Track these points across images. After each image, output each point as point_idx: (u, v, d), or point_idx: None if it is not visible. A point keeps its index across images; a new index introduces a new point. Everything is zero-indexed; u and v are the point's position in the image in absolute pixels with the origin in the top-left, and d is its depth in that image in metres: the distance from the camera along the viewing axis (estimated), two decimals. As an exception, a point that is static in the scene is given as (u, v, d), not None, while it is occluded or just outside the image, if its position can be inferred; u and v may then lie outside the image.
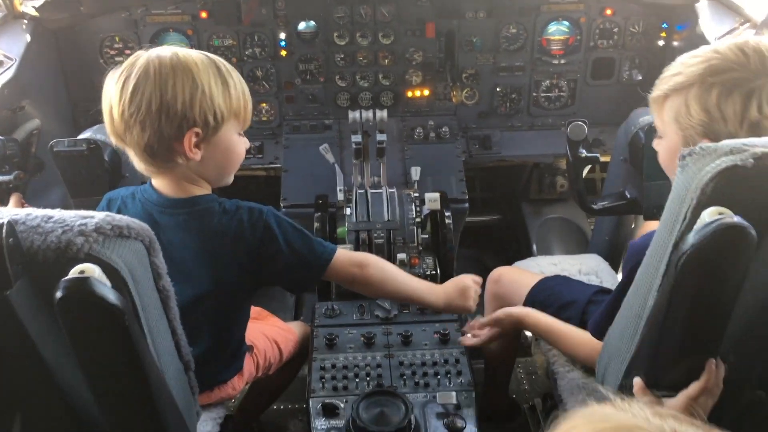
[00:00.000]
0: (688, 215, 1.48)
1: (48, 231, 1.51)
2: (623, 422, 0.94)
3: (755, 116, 1.75)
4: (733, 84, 1.77)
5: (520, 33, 3.74)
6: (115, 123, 1.93)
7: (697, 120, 1.83)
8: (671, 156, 1.98)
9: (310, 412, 2.35)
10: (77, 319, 1.36)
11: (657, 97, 1.96)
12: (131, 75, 1.90)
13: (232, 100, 1.99)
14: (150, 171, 2.02)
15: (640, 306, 1.72)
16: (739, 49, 1.79)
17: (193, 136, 1.93)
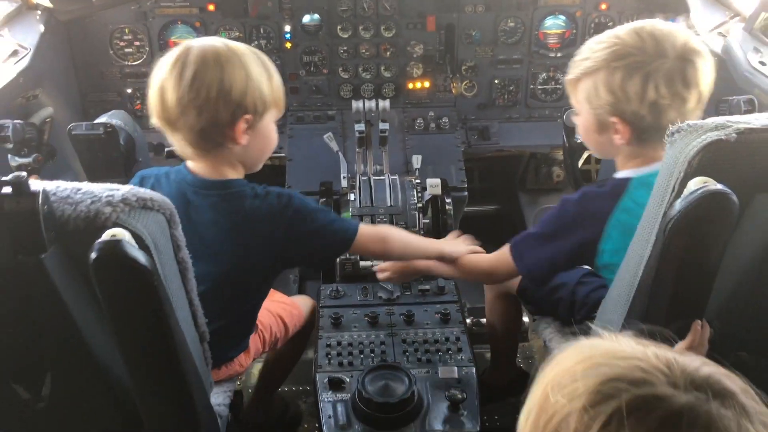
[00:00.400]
0: (676, 187, 1.59)
1: (78, 201, 1.61)
2: (609, 349, 1.04)
3: (653, 96, 1.97)
4: (633, 67, 2.00)
5: (517, 27, 3.85)
6: (168, 108, 2.03)
7: (605, 100, 2.06)
8: (588, 131, 2.25)
9: (317, 387, 2.44)
10: (110, 279, 1.46)
11: (570, 80, 2.21)
12: (188, 63, 2.02)
13: (274, 90, 2.16)
14: (195, 154, 2.13)
15: (632, 275, 1.82)
16: (636, 34, 2.02)
17: (243, 122, 2.07)
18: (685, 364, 0.99)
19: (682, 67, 1.98)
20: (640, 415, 0.92)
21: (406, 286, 2.94)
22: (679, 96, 1.98)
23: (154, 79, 2.07)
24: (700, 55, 2.02)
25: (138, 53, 3.76)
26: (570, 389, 0.99)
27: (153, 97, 2.06)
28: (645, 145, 2.10)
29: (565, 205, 2.25)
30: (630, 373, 0.97)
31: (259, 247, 2.19)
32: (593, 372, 0.99)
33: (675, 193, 1.59)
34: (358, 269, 3.00)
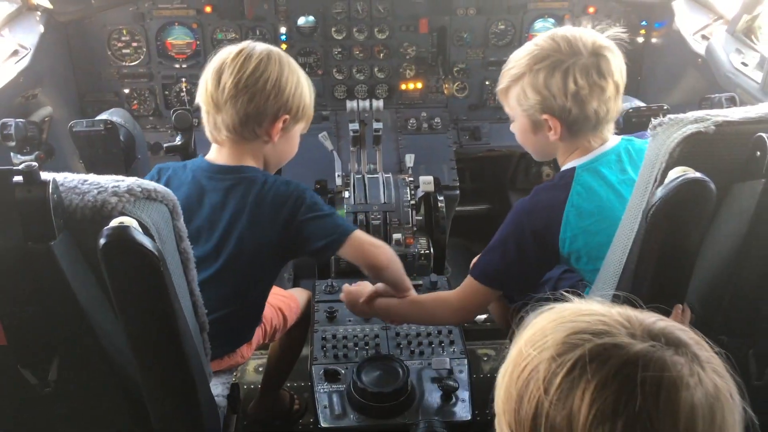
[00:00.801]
0: (658, 177, 1.67)
1: (85, 191, 1.67)
2: (577, 309, 1.15)
3: (573, 88, 2.13)
4: (552, 67, 2.15)
5: (508, 29, 3.94)
6: (223, 89, 2.18)
7: (534, 100, 2.20)
8: (524, 134, 2.38)
9: (313, 378, 2.49)
10: (118, 264, 1.51)
11: (501, 89, 2.36)
12: (253, 55, 2.20)
13: (311, 106, 2.37)
14: (227, 139, 2.25)
15: (617, 263, 1.89)
16: (551, 39, 2.19)
17: (282, 121, 2.23)
18: (643, 318, 1.10)
19: (595, 61, 2.13)
20: (601, 360, 1.02)
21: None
22: (597, 85, 2.13)
23: (215, 61, 2.22)
24: (610, 49, 2.18)
25: (135, 54, 3.82)
26: (540, 343, 1.10)
27: (209, 76, 2.21)
28: (578, 137, 2.24)
29: (518, 206, 2.36)
30: (593, 326, 1.08)
31: (268, 232, 2.26)
32: (561, 327, 1.10)
33: (657, 183, 1.67)
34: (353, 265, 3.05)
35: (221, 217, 2.26)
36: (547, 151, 2.41)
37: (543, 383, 1.06)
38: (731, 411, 1.05)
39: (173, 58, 3.85)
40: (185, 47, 3.83)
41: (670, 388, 1.00)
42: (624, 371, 1.01)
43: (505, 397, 1.13)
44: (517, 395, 1.10)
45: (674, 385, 1.00)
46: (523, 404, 1.08)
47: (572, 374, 1.04)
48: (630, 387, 1.00)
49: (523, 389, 1.09)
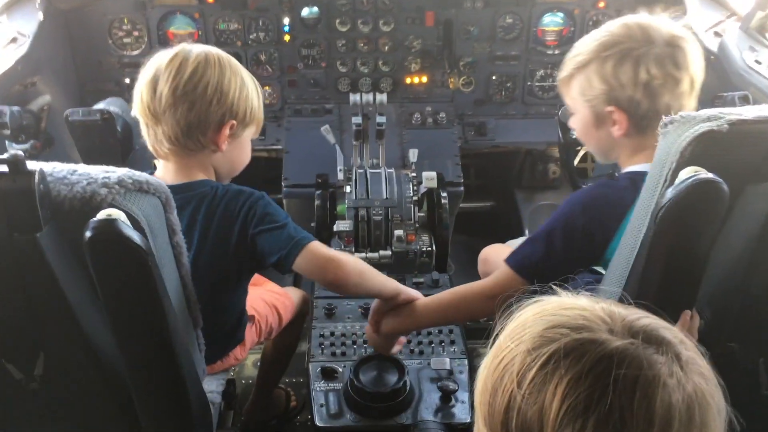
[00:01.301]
0: (668, 177, 1.61)
1: (74, 182, 1.62)
2: (561, 303, 1.12)
3: (645, 77, 2.00)
4: (623, 54, 2.02)
5: (515, 23, 3.86)
6: (159, 98, 2.02)
7: (599, 90, 2.09)
8: (585, 129, 2.24)
9: (310, 376, 2.45)
10: (104, 258, 1.47)
11: (564, 78, 2.23)
12: (190, 58, 2.04)
13: (260, 108, 2.21)
14: (171, 152, 2.10)
15: (624, 266, 1.83)
16: (623, 25, 2.08)
17: (228, 128, 2.09)
18: (625, 314, 1.08)
19: (671, 51, 2.02)
20: (576, 356, 1.00)
21: (401, 279, 2.94)
22: (671, 77, 2.02)
23: (148, 69, 2.07)
24: (687, 40, 2.06)
25: (136, 43, 3.77)
26: (518, 336, 1.09)
27: (143, 86, 2.06)
28: (646, 135, 2.07)
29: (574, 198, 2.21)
30: (573, 320, 1.06)
31: (219, 249, 2.13)
32: (541, 320, 1.09)
33: (667, 183, 1.60)
34: (355, 259, 3.01)
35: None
36: (610, 150, 2.25)
37: (517, 376, 1.04)
38: (714, 415, 1.02)
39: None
40: (187, 37, 3.77)
41: (646, 387, 0.97)
42: (598, 368, 0.99)
43: (481, 389, 1.12)
44: (492, 388, 1.09)
45: (650, 385, 0.98)
46: (497, 397, 1.07)
47: (546, 368, 1.02)
48: (603, 384, 0.97)
49: (497, 382, 1.08)
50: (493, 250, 3.00)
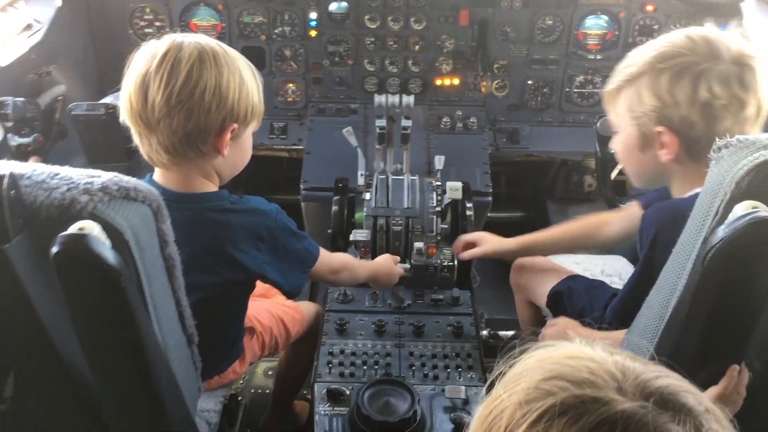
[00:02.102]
0: (720, 210, 1.40)
1: (53, 187, 1.48)
2: (570, 350, 0.95)
3: (705, 96, 1.77)
4: (682, 68, 1.79)
5: (556, 25, 3.64)
6: (152, 107, 1.82)
7: (650, 107, 1.85)
8: (628, 150, 2.00)
9: (315, 397, 2.31)
10: (73, 277, 1.32)
11: (610, 91, 1.99)
12: (182, 59, 1.81)
13: (260, 101, 2.00)
14: (169, 162, 1.92)
15: (663, 306, 1.63)
16: (686, 37, 1.84)
17: (230, 132, 1.90)
18: (641, 371, 0.90)
19: (738, 71, 1.77)
20: (574, 416, 0.85)
21: (419, 295, 2.78)
22: (736, 98, 1.77)
23: (135, 71, 1.86)
24: (759, 60, 1.80)
25: (158, 34, 3.52)
26: (512, 384, 0.95)
27: (132, 93, 1.84)
28: (698, 162, 1.83)
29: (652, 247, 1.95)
30: (576, 372, 0.91)
31: (236, 264, 2.01)
32: (540, 369, 0.94)
33: (718, 218, 1.40)
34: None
35: (183, 252, 1.88)
36: (655, 176, 2.02)
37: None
38: None
39: (197, 40, 3.66)
40: (210, 29, 3.63)
41: None
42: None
43: None
44: None
45: None
46: None
47: (536, 427, 0.86)
48: None
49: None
50: (527, 263, 2.81)
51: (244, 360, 2.41)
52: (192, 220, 1.96)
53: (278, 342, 2.58)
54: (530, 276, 2.76)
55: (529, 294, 2.75)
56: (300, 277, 2.18)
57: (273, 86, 3.73)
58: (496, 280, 3.92)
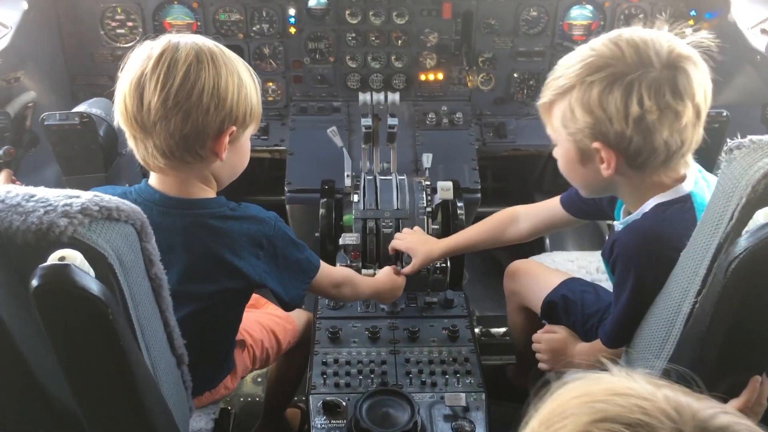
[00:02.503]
0: (735, 215, 1.34)
1: (29, 211, 1.38)
2: (615, 384, 0.87)
3: (637, 111, 1.67)
4: (611, 80, 1.69)
5: (541, 16, 3.57)
6: (148, 109, 1.74)
7: (583, 123, 1.76)
8: (569, 164, 1.92)
9: (310, 410, 2.25)
10: (55, 311, 1.22)
11: (543, 104, 1.90)
12: (179, 59, 1.74)
13: (259, 103, 1.93)
14: (166, 166, 1.84)
15: (673, 312, 1.58)
16: (613, 44, 1.73)
17: (228, 134, 1.83)
18: (698, 409, 0.82)
19: (671, 75, 1.67)
20: None
21: (412, 298, 2.72)
22: (670, 109, 1.67)
23: (130, 72, 1.77)
24: (692, 61, 1.71)
25: (131, 35, 3.50)
26: (557, 427, 0.87)
27: (127, 96, 1.77)
28: (644, 172, 1.79)
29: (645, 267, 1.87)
30: (628, 413, 0.82)
31: (235, 273, 1.95)
32: (586, 409, 0.85)
33: (734, 223, 1.34)
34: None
35: (181, 262, 1.89)
36: (601, 187, 1.95)
37: None
38: None
39: (172, 40, 3.53)
40: (185, 28, 3.50)
41: None
42: None
43: None
44: None
45: None
46: None
47: None
48: None
49: None
50: (521, 268, 2.74)
51: (236, 375, 2.34)
52: (191, 227, 1.90)
53: (269, 354, 2.50)
54: (525, 281, 2.69)
55: (524, 299, 2.68)
56: (301, 288, 2.10)
57: (252, 86, 3.62)
58: (486, 277, 3.87)
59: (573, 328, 2.41)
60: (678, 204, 1.82)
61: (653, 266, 1.79)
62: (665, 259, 1.74)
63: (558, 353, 2.41)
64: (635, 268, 1.86)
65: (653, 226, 1.82)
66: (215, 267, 1.93)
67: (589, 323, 2.34)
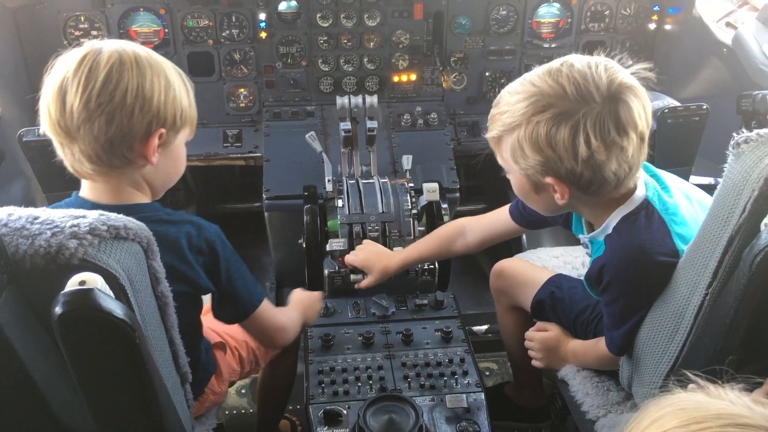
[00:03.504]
0: (747, 207, 1.37)
1: (35, 234, 1.33)
2: (723, 410, 0.83)
3: (585, 152, 1.70)
4: (557, 120, 1.72)
5: (510, 15, 3.61)
6: (71, 113, 1.70)
7: (534, 161, 1.78)
8: (523, 192, 1.97)
9: (311, 421, 2.21)
10: (80, 337, 1.18)
11: (492, 137, 1.95)
12: (101, 62, 1.69)
13: (191, 107, 1.88)
14: (94, 171, 1.78)
15: (681, 305, 1.61)
16: (554, 81, 1.75)
17: (157, 137, 1.77)
18: None
19: (612, 109, 1.70)
20: None
21: (401, 301, 2.71)
22: (615, 145, 1.71)
23: (52, 78, 1.72)
24: (631, 89, 1.74)
25: (96, 44, 3.40)
26: None
27: (50, 102, 1.72)
28: (598, 195, 1.84)
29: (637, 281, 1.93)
30: None
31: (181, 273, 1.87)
32: None
33: (747, 215, 1.37)
34: (349, 283, 2.75)
35: None
36: (558, 209, 2.00)
37: None
38: None
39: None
40: (152, 36, 3.42)
41: None
42: None
43: None
44: None
45: None
46: None
47: None
48: None
49: None
50: (507, 266, 2.75)
51: (222, 378, 2.29)
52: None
53: (257, 356, 2.46)
54: (512, 280, 2.71)
55: (513, 299, 2.70)
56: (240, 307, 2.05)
57: (224, 92, 3.56)
58: (466, 276, 3.89)
59: (563, 325, 2.44)
60: (641, 211, 1.88)
61: (649, 275, 1.86)
62: (657, 265, 1.81)
63: (551, 351, 2.44)
64: (631, 282, 1.92)
65: (633, 241, 1.87)
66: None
67: (580, 319, 2.37)
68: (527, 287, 2.59)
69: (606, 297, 2.02)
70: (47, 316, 1.22)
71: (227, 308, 2.04)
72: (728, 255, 1.43)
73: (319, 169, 3.04)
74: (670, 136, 2.40)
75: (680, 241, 1.81)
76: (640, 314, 1.94)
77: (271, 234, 3.43)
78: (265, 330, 2.17)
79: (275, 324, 2.18)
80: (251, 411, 3.21)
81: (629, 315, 1.97)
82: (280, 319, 2.21)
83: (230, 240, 1.99)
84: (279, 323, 2.20)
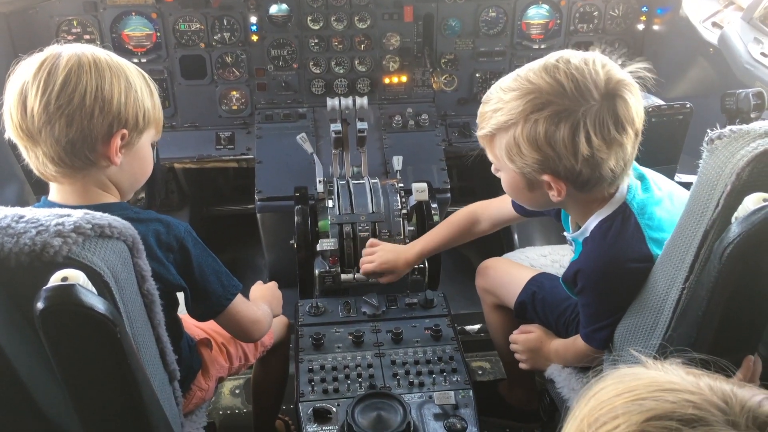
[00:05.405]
0: (721, 202, 1.40)
1: (20, 232, 1.35)
2: (656, 379, 0.87)
3: (586, 151, 1.69)
4: (557, 118, 1.70)
5: (499, 17, 3.64)
6: (32, 116, 1.72)
7: (531, 159, 1.76)
8: (515, 190, 1.96)
9: (301, 418, 2.23)
10: (62, 332, 1.20)
11: (484, 137, 1.92)
12: (59, 65, 1.72)
13: (155, 108, 1.90)
14: (59, 173, 1.80)
15: (660, 299, 1.63)
16: (552, 78, 1.72)
17: (119, 138, 1.79)
18: (744, 398, 0.83)
19: (611, 106, 1.70)
20: None
21: (392, 300, 2.73)
22: (615, 141, 1.71)
23: (13, 83, 1.75)
24: (627, 86, 1.73)
25: (89, 48, 3.43)
26: (609, 427, 0.84)
27: (12, 106, 1.74)
28: (592, 192, 1.85)
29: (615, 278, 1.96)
30: (680, 409, 0.82)
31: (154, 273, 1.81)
32: (637, 407, 0.84)
33: (720, 209, 1.40)
34: (340, 283, 2.77)
35: None
36: (548, 206, 2.03)
37: None
38: None
39: (131, 51, 3.47)
40: (144, 39, 3.46)
41: None
42: None
43: None
44: None
45: None
46: None
47: None
48: None
49: None
50: (491, 265, 2.77)
51: (208, 374, 2.31)
52: None
53: (246, 352, 2.48)
54: (495, 279, 2.73)
55: (497, 298, 2.72)
56: (215, 301, 2.03)
57: (216, 95, 3.59)
58: (458, 276, 3.90)
59: (547, 324, 2.46)
60: (618, 216, 1.90)
61: (621, 282, 1.90)
62: (628, 272, 1.86)
63: (535, 352, 2.46)
64: (604, 289, 1.96)
65: (606, 249, 1.90)
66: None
67: (562, 318, 2.39)
68: (510, 287, 2.61)
69: (581, 299, 2.06)
70: (32, 314, 1.24)
71: (201, 304, 2.03)
72: (704, 249, 1.45)
73: (310, 171, 3.07)
74: (654, 134, 2.41)
75: (655, 246, 1.83)
76: (614, 316, 1.97)
77: (264, 235, 3.45)
78: (240, 323, 2.15)
79: (250, 317, 2.17)
80: (245, 411, 3.22)
81: (603, 316, 2.00)
82: (254, 311, 2.21)
83: (224, 242, 2.02)
84: (254, 316, 2.19)
